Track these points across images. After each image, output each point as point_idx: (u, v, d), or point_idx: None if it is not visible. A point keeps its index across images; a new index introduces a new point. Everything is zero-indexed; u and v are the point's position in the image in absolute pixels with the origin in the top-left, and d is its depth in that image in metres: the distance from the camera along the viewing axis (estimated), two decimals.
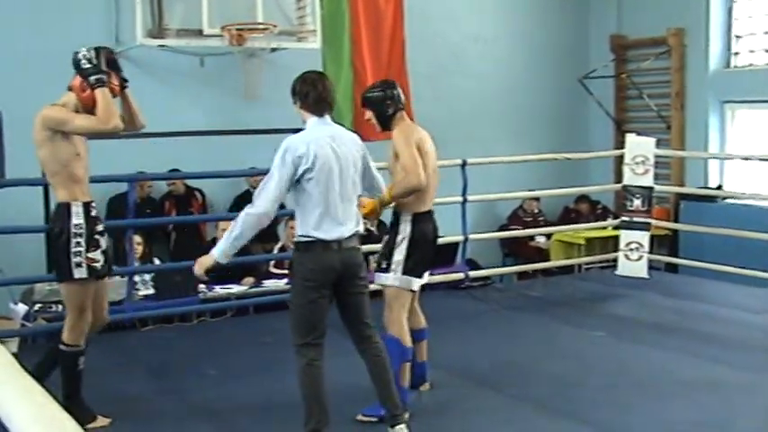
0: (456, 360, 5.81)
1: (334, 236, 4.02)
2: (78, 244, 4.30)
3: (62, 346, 4.41)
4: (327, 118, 4.16)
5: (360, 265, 4.16)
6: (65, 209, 4.35)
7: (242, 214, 4.03)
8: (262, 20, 7.85)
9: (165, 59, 7.96)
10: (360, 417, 4.58)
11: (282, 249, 8.07)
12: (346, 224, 4.07)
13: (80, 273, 4.28)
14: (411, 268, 4.70)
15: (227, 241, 4.03)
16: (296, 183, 4.00)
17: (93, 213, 4.46)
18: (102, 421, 4.53)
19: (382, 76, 8.83)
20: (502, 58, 10.40)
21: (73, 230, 4.30)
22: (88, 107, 4.39)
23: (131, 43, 7.71)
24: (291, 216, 8.08)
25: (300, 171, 3.97)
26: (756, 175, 9.03)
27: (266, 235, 8.37)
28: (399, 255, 4.68)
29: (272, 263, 7.91)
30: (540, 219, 9.99)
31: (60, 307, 6.66)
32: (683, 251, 9.16)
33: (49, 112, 4.31)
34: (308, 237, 4.02)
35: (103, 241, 4.45)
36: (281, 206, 8.48)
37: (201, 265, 4.11)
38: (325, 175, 4.00)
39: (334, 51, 8.46)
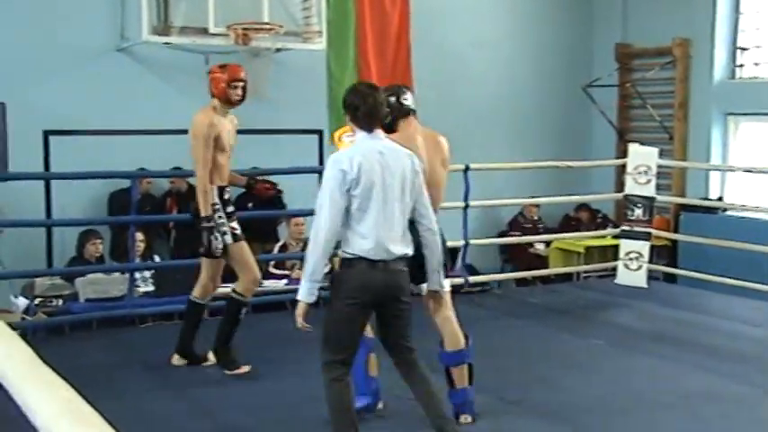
0: None
1: (381, 256, 3.87)
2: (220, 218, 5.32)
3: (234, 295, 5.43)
4: (379, 132, 3.97)
5: (403, 289, 3.99)
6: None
7: (308, 250, 3.93)
8: (267, 20, 7.86)
9: (169, 57, 7.97)
10: None
11: (283, 249, 8.07)
12: (393, 245, 3.90)
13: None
14: None
15: (306, 281, 3.91)
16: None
17: (225, 197, 5.42)
18: (243, 369, 5.38)
19: (387, 78, 8.82)
20: (506, 64, 10.40)
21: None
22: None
23: (136, 40, 7.73)
24: (293, 215, 8.12)
25: (345, 188, 3.81)
26: (758, 187, 9.03)
27: (266, 234, 8.40)
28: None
29: (272, 263, 7.90)
30: (540, 225, 9.99)
31: (61, 301, 6.68)
32: (683, 262, 9.16)
33: None
34: (353, 254, 3.89)
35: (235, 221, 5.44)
36: (282, 206, 8.51)
37: (299, 315, 4.00)
38: (370, 193, 3.83)
39: (339, 53, 8.45)
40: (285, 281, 7.63)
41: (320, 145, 8.44)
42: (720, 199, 9.61)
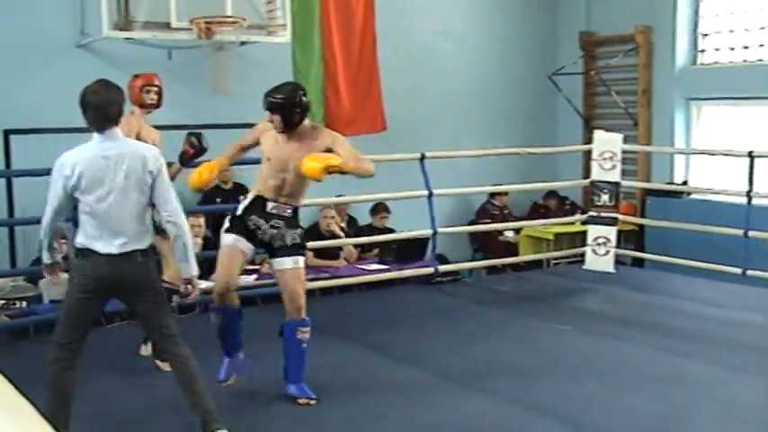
0: (424, 354, 5.83)
1: (109, 250, 4.02)
2: None
3: None
4: (111, 132, 4.04)
5: (137, 280, 4.10)
6: None
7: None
8: (231, 13, 7.79)
9: (131, 52, 7.88)
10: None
11: None
12: (123, 239, 4.03)
13: None
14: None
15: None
16: (70, 197, 4.04)
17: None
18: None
19: (353, 70, 8.83)
20: (472, 54, 10.43)
21: None
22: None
23: (97, 35, 7.63)
24: None
25: (69, 188, 4.00)
26: (721, 171, 9.13)
27: None
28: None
29: None
30: (507, 212, 10.04)
31: (24, 303, 6.60)
32: (649, 246, 9.26)
33: None
34: (84, 245, 4.06)
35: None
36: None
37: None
38: (95, 192, 3.99)
39: (304, 46, 8.43)
40: (254, 276, 7.60)
41: None
42: (685, 183, 9.72)
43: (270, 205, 4.91)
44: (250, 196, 4.98)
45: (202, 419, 4.15)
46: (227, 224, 4.94)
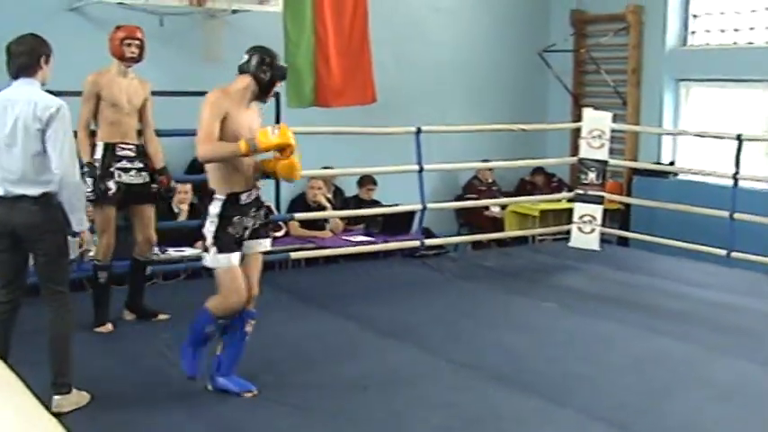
0: (408, 328, 5.86)
1: (2, 193, 4.13)
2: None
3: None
4: (24, 81, 4.18)
5: (27, 226, 4.13)
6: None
7: None
8: None
9: (123, 17, 7.76)
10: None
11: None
12: (12, 185, 4.10)
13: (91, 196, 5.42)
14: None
15: None
16: None
17: (119, 153, 5.58)
18: (106, 328, 5.59)
19: (344, 41, 8.78)
20: (463, 29, 10.38)
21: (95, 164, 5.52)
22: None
23: None
24: None
25: None
26: (708, 152, 9.17)
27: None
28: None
29: None
30: (495, 189, 10.06)
31: None
32: (635, 225, 9.31)
33: None
34: None
35: (125, 175, 5.58)
36: None
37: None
38: None
39: (295, 15, 8.37)
40: None
41: (277, 107, 8.35)
42: (672, 163, 9.76)
43: (243, 198, 4.46)
44: (218, 203, 4.40)
45: (51, 382, 4.26)
46: (213, 240, 4.40)
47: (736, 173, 7.51)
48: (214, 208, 4.38)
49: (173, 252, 7.12)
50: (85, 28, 7.85)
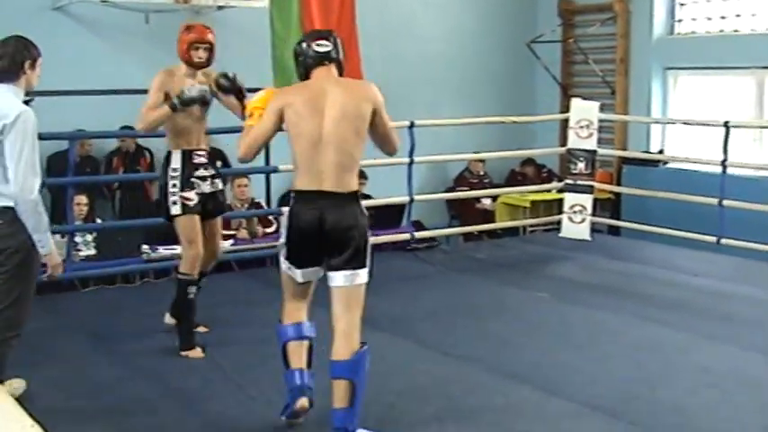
0: (400, 322, 5.86)
1: None
2: (174, 186, 5.06)
3: (178, 275, 5.16)
4: (2, 86, 3.88)
5: None
6: (166, 156, 5.17)
7: None
8: None
9: (108, 15, 7.79)
10: None
11: (228, 209, 8.00)
12: None
13: (175, 210, 5.06)
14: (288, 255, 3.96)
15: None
16: None
17: (195, 160, 5.17)
18: (195, 353, 5.07)
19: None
20: (451, 22, 10.39)
21: (170, 174, 5.09)
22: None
23: None
24: (237, 175, 8.06)
25: None
26: (696, 140, 9.19)
27: None
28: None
29: None
30: (486, 181, 10.07)
31: None
32: (625, 214, 9.32)
33: None
34: None
35: (204, 185, 5.18)
36: (226, 165, 8.47)
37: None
38: None
39: (282, 11, 8.33)
40: (231, 241, 7.59)
41: None
42: (661, 152, 9.78)
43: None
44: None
45: None
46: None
47: (725, 160, 7.53)
48: None
49: (163, 250, 7.10)
50: (70, 27, 7.83)
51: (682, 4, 9.74)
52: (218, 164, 8.20)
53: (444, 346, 5.33)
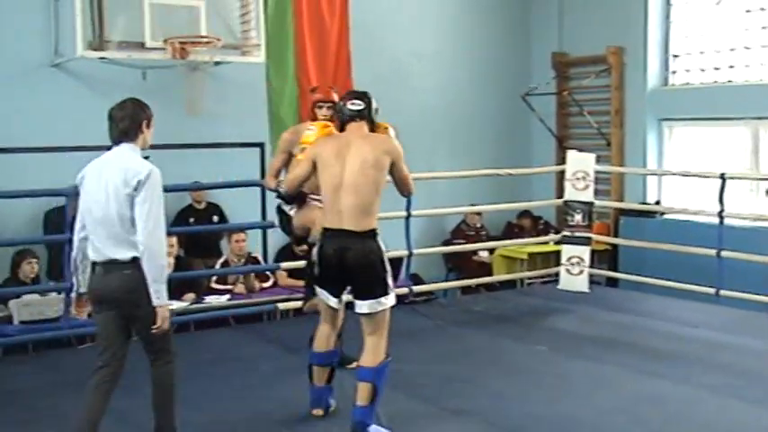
0: (398, 375, 5.77)
1: (97, 258, 4.05)
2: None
3: None
4: (119, 147, 4.13)
5: (116, 290, 4.01)
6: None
7: None
8: (205, 33, 7.78)
9: (106, 72, 7.84)
10: None
11: (225, 264, 8.00)
12: (105, 249, 4.02)
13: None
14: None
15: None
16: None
17: None
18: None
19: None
20: (445, 73, 10.47)
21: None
22: None
23: (71, 55, 7.58)
24: (233, 231, 8.06)
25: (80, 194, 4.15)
26: (693, 191, 9.21)
27: (208, 250, 8.32)
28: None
29: (214, 278, 7.84)
30: (483, 233, 10.06)
31: None
32: (623, 265, 9.31)
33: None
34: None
35: None
36: (224, 220, 8.47)
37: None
38: (85, 199, 4.11)
39: (278, 65, 8.43)
40: (227, 296, 7.56)
41: (261, 158, 8.38)
42: (658, 203, 9.80)
43: None
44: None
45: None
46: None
47: (722, 211, 7.53)
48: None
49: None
50: (68, 84, 7.88)
51: (675, 56, 9.84)
52: (215, 219, 8.26)
53: (442, 399, 5.27)
